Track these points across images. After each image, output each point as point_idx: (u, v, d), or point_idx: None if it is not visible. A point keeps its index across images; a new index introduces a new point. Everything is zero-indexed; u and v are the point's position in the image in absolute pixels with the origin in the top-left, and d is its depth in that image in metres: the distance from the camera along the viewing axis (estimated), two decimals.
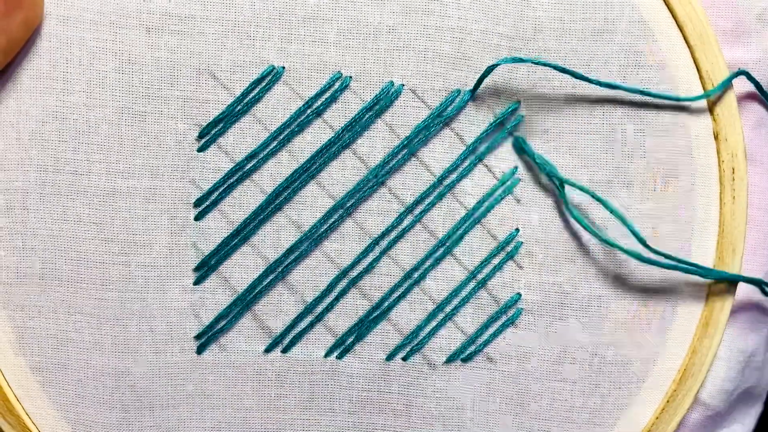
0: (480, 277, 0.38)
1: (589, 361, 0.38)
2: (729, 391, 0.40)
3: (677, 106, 0.38)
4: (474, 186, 0.38)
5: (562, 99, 0.38)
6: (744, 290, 0.39)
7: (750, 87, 0.39)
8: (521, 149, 0.38)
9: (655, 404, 0.39)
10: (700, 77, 0.38)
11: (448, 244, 0.38)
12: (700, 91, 0.38)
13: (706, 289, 0.39)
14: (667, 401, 0.39)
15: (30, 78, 0.36)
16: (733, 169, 0.38)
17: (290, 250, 0.37)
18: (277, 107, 0.37)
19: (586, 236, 0.38)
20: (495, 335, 0.38)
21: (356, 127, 0.37)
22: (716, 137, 0.38)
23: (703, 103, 0.38)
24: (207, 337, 0.37)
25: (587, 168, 0.38)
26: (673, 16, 0.38)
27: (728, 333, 0.39)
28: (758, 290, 0.40)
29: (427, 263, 0.38)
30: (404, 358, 0.38)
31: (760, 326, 0.40)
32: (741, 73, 0.38)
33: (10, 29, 0.34)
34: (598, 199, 0.36)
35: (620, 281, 0.38)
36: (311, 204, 0.38)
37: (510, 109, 0.38)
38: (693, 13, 0.38)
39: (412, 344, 0.38)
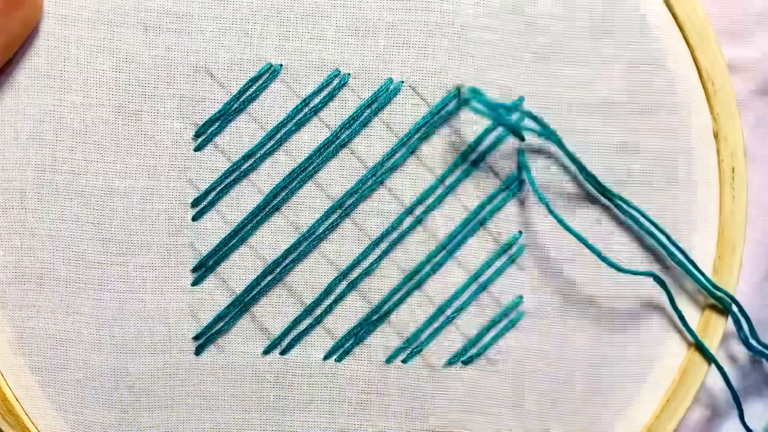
0: (482, 280, 0.39)
1: (590, 361, 0.39)
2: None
3: (676, 104, 0.39)
4: (476, 187, 0.38)
5: (566, 98, 0.39)
6: (744, 289, 0.40)
7: (750, 86, 0.40)
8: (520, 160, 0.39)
9: (654, 404, 0.39)
10: (700, 76, 0.39)
11: (449, 247, 0.38)
12: (700, 89, 0.39)
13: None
14: (667, 401, 0.39)
15: (28, 77, 0.36)
16: (733, 169, 0.39)
17: (288, 251, 0.38)
18: (273, 105, 0.38)
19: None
20: (496, 338, 0.39)
21: (354, 125, 0.38)
22: (716, 136, 0.39)
23: (702, 102, 0.39)
24: (205, 338, 0.38)
25: (590, 168, 0.38)
26: (672, 15, 0.39)
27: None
28: (757, 290, 0.41)
29: (428, 266, 0.38)
30: (404, 361, 0.38)
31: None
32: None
33: (9, 27, 0.34)
34: (565, 226, 0.37)
35: (621, 282, 0.39)
36: (309, 204, 0.38)
37: (513, 106, 0.38)
38: (693, 12, 0.39)
39: (412, 347, 0.38)
